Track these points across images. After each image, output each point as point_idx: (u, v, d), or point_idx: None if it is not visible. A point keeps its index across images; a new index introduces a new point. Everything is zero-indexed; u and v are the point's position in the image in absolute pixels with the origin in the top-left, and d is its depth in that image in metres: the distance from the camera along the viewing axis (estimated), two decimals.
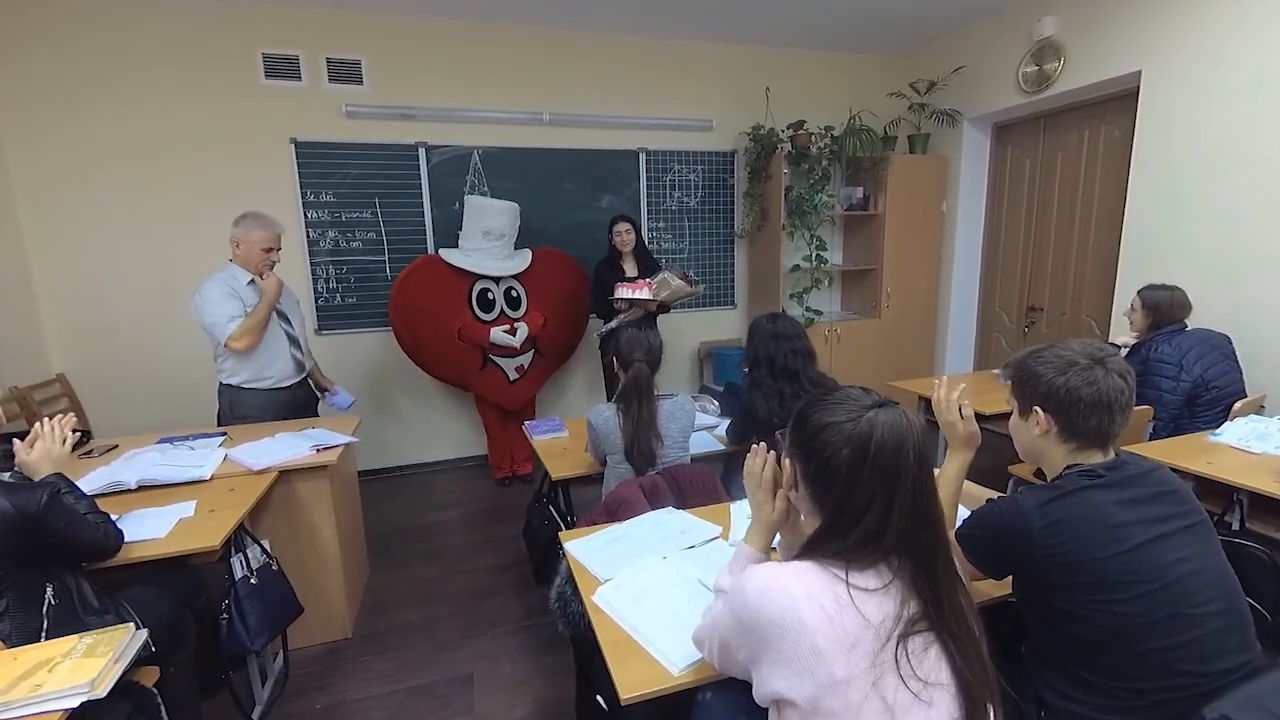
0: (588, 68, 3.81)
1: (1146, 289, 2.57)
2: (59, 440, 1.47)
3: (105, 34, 3.05)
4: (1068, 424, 1.07)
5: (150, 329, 3.30)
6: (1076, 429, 1.07)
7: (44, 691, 0.97)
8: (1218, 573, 1.00)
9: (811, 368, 2.09)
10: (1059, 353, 1.09)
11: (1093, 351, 1.08)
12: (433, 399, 3.88)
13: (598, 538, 1.50)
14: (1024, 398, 1.12)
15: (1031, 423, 1.11)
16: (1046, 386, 1.07)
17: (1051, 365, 1.08)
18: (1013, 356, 1.19)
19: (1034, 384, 1.09)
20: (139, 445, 2.22)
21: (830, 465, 0.83)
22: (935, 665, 0.77)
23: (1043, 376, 1.08)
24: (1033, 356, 1.12)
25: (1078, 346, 1.10)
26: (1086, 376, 1.05)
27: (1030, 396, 1.10)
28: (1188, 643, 0.94)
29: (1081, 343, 1.11)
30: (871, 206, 4.17)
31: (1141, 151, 3.05)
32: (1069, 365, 1.06)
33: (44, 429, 1.47)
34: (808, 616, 0.77)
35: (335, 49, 3.38)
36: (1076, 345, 1.10)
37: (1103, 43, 3.13)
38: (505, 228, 3.35)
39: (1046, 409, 1.08)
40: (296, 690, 1.98)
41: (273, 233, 2.43)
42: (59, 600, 1.29)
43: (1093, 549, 0.97)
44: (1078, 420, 1.06)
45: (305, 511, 2.10)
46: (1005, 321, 4.18)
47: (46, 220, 3.11)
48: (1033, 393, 1.10)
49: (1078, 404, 1.05)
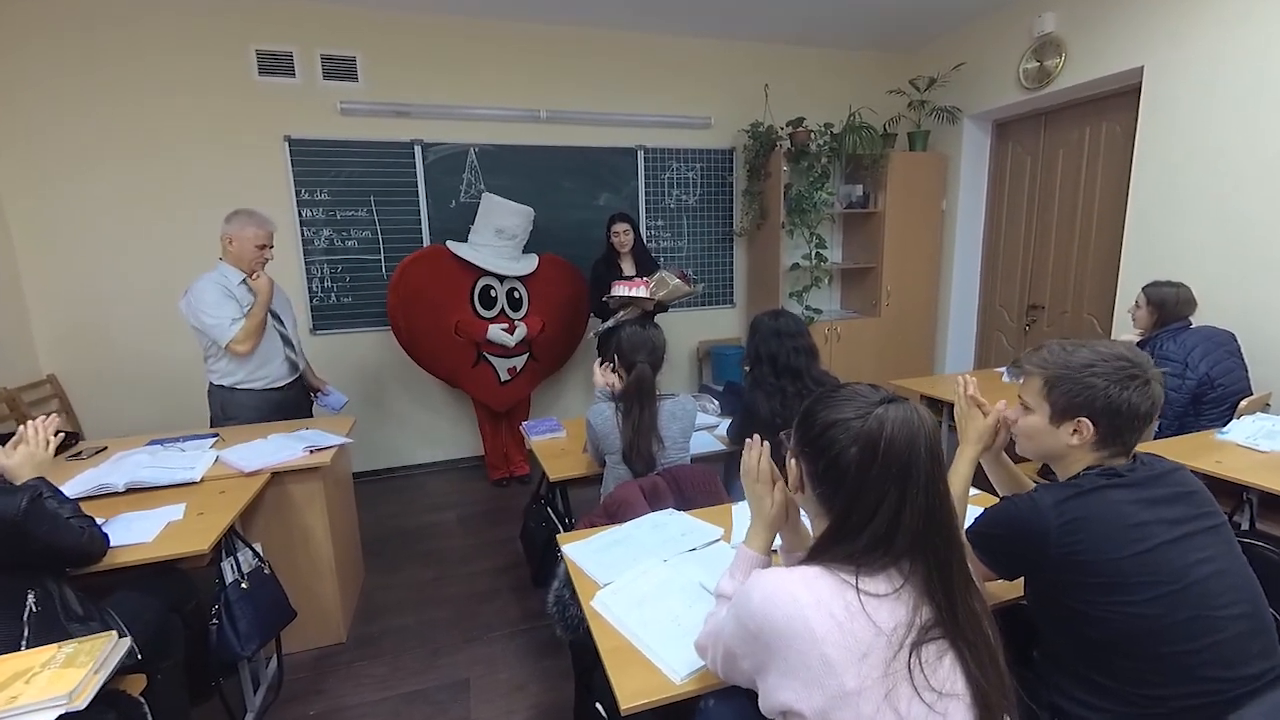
0: (585, 64, 3.77)
1: (1151, 286, 2.54)
2: (43, 444, 1.43)
3: (96, 31, 3.00)
4: (1113, 436, 1.02)
5: (142, 329, 3.25)
6: (1118, 440, 1.02)
7: (20, 704, 0.93)
8: (1240, 576, 0.97)
9: (814, 366, 2.06)
10: (1110, 361, 1.02)
11: (1142, 361, 1.02)
12: (429, 399, 3.84)
13: (596, 540, 1.46)
14: (1068, 406, 1.03)
15: (1066, 430, 1.04)
16: (1105, 400, 1.00)
17: (1108, 377, 1.00)
18: (1036, 355, 1.11)
19: (1088, 395, 1.01)
20: (129, 447, 2.18)
21: (839, 464, 0.79)
22: (950, 674, 0.74)
23: (1099, 389, 1.00)
24: (1078, 364, 1.03)
25: (1125, 351, 1.03)
26: (1145, 392, 1.00)
27: (1078, 406, 1.02)
28: (1209, 646, 0.91)
29: (1118, 347, 1.05)
30: (871, 204, 4.14)
31: (1143, 148, 3.02)
32: (1129, 378, 1.00)
33: (29, 432, 1.43)
34: (816, 625, 0.73)
35: (330, 45, 3.34)
36: (1122, 349, 1.04)
37: (1104, 38, 3.11)
38: (518, 229, 3.33)
39: (1096, 421, 1.01)
40: (290, 696, 1.94)
41: (266, 230, 2.39)
42: (41, 607, 1.25)
43: (1111, 548, 0.93)
44: (1124, 433, 1.01)
45: (298, 514, 2.06)
46: (1006, 319, 4.15)
47: (36, 219, 3.06)
48: (1084, 403, 1.01)
49: (1133, 420, 1.00)
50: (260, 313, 2.34)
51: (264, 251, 2.39)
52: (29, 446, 1.40)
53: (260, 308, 2.34)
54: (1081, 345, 1.07)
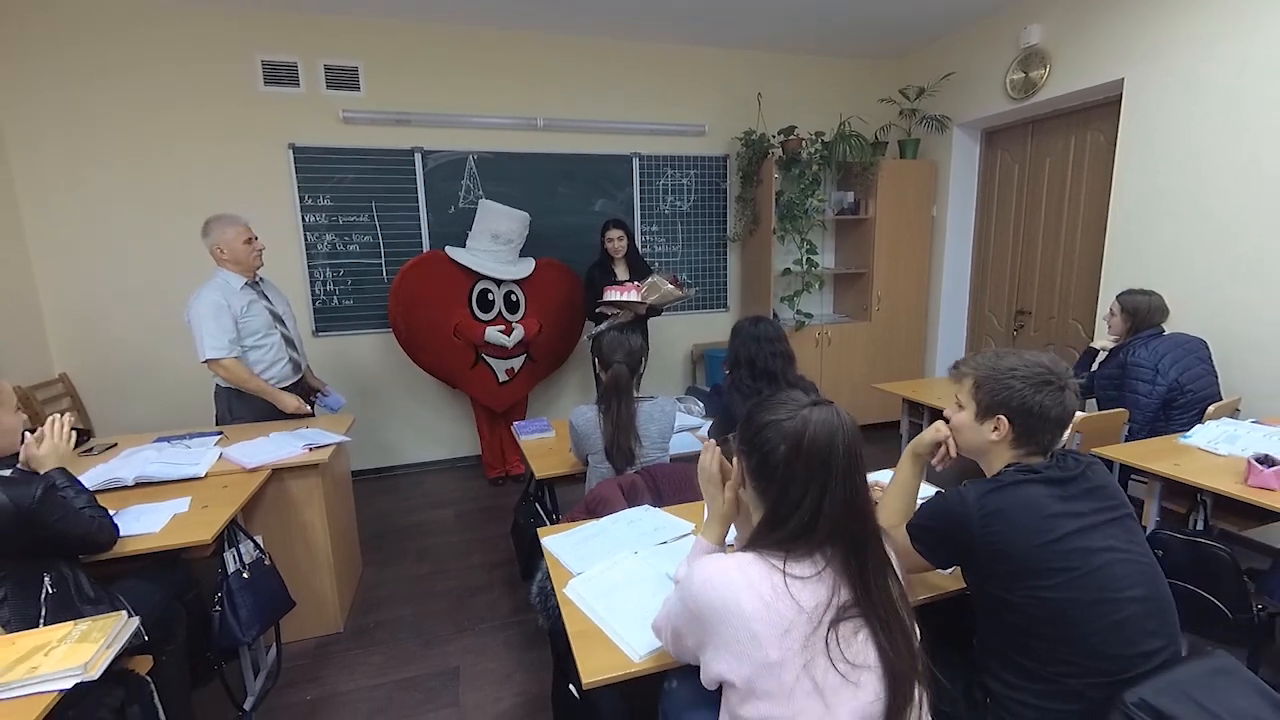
0: (581, 73, 3.87)
1: (1125, 294, 2.61)
2: (64, 437, 1.53)
3: (108, 40, 3.12)
4: (1026, 435, 1.13)
5: (150, 331, 3.37)
6: (1032, 439, 1.13)
7: (40, 674, 1.03)
8: (1140, 562, 1.05)
9: (791, 370, 2.14)
10: (1032, 368, 1.12)
11: (1061, 371, 1.13)
12: (428, 400, 3.94)
13: (575, 534, 1.55)
14: (990, 404, 1.15)
15: (988, 426, 1.15)
16: (1020, 400, 1.11)
17: (1026, 380, 1.11)
18: (971, 359, 1.23)
19: (1005, 395, 1.12)
20: (137, 444, 2.28)
21: (770, 460, 0.88)
22: (863, 649, 0.82)
23: (1016, 390, 1.11)
24: (1004, 367, 1.15)
25: (1047, 361, 1.14)
26: (1057, 398, 1.10)
27: (998, 405, 1.13)
28: (1109, 626, 0.99)
29: (1044, 357, 1.15)
30: (862, 210, 4.22)
31: (1124, 157, 3.09)
32: (1044, 383, 1.11)
33: (51, 427, 1.54)
34: (746, 604, 0.82)
35: (333, 56, 3.45)
36: (1045, 359, 1.15)
37: (1087, 51, 3.18)
38: (514, 234, 3.42)
39: (1012, 419, 1.12)
40: (288, 682, 2.04)
41: (242, 224, 2.47)
42: (56, 589, 1.35)
43: (1025, 537, 1.02)
44: (1037, 433, 1.12)
45: (298, 509, 2.16)
46: (995, 324, 4.22)
47: (50, 224, 3.18)
48: (1002, 402, 1.13)
49: (1044, 421, 1.11)
50: (258, 390, 2.47)
51: (254, 243, 2.48)
52: (53, 440, 1.50)
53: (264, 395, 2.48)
54: (1011, 353, 1.18)
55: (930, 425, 1.34)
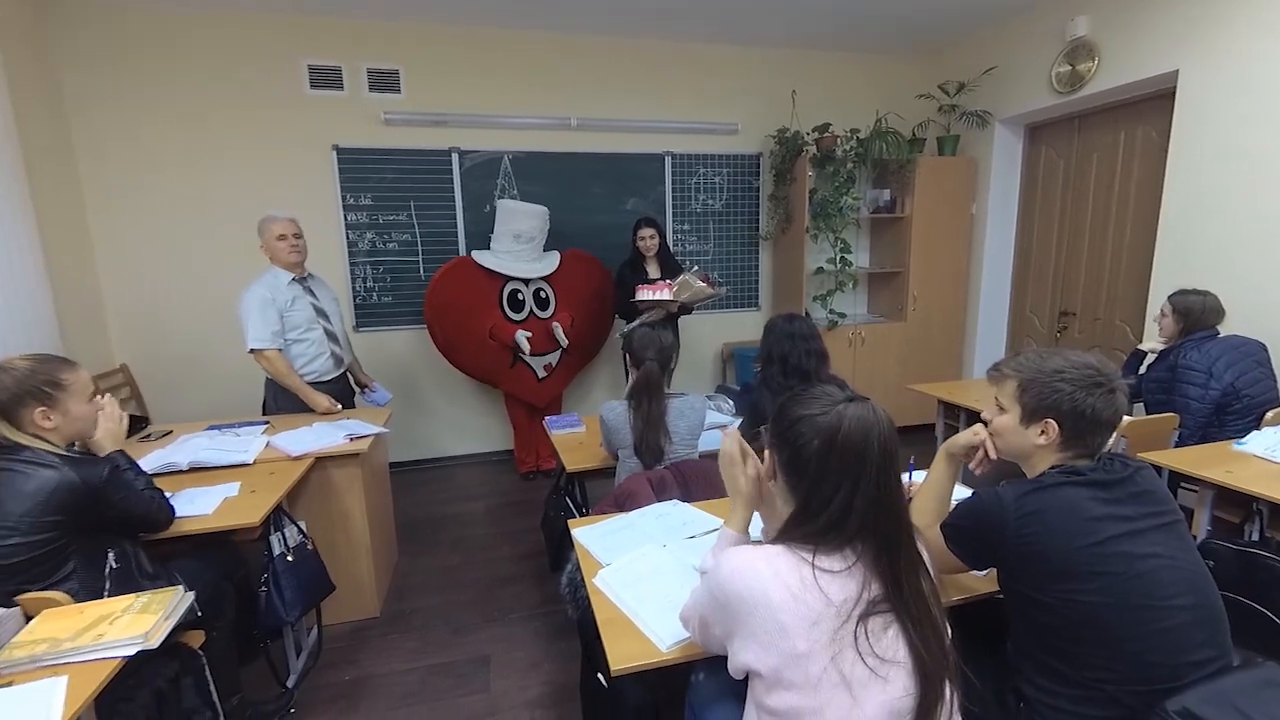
0: (615, 73, 3.90)
1: (1177, 294, 2.51)
2: (116, 419, 1.62)
3: (166, 52, 3.29)
4: (1075, 437, 1.09)
5: (202, 325, 3.53)
6: (1080, 442, 1.09)
7: (106, 640, 1.11)
8: (1189, 570, 1.01)
9: (824, 369, 2.12)
10: (1080, 370, 1.08)
11: (1110, 371, 1.09)
12: (462, 395, 4.03)
13: (603, 526, 1.58)
14: (1037, 407, 1.10)
15: (1034, 430, 1.11)
16: (1070, 404, 1.07)
17: (1075, 382, 1.07)
18: (1013, 360, 1.18)
19: (1055, 398, 1.08)
20: (191, 431, 2.40)
21: (802, 454, 0.89)
22: (893, 644, 0.82)
23: (1065, 393, 1.07)
24: (1050, 369, 1.10)
25: (1094, 361, 1.10)
26: (1108, 400, 1.06)
27: (1046, 408, 1.09)
28: (1155, 633, 0.96)
29: (1089, 357, 1.11)
30: (898, 209, 4.14)
31: (1177, 152, 2.97)
32: (1094, 385, 1.07)
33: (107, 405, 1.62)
34: (774, 595, 0.83)
35: (375, 59, 3.56)
36: (1092, 360, 1.10)
37: (1138, 42, 3.06)
38: (534, 231, 3.47)
39: (1061, 423, 1.08)
40: (328, 663, 2.12)
41: (282, 221, 2.56)
42: (119, 564, 1.44)
43: (1064, 539, 1.00)
44: (1086, 436, 1.08)
45: (338, 497, 2.24)
46: (1037, 325, 4.09)
47: (112, 224, 3.37)
48: (1051, 405, 1.09)
49: (1095, 424, 1.07)
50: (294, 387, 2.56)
51: (287, 240, 2.55)
52: (108, 422, 1.59)
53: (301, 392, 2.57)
54: (1055, 353, 1.14)
55: (968, 428, 1.31)
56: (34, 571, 1.32)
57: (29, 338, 2.67)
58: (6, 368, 1.40)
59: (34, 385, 1.40)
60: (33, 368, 1.42)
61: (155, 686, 1.34)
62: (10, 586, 1.28)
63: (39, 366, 1.43)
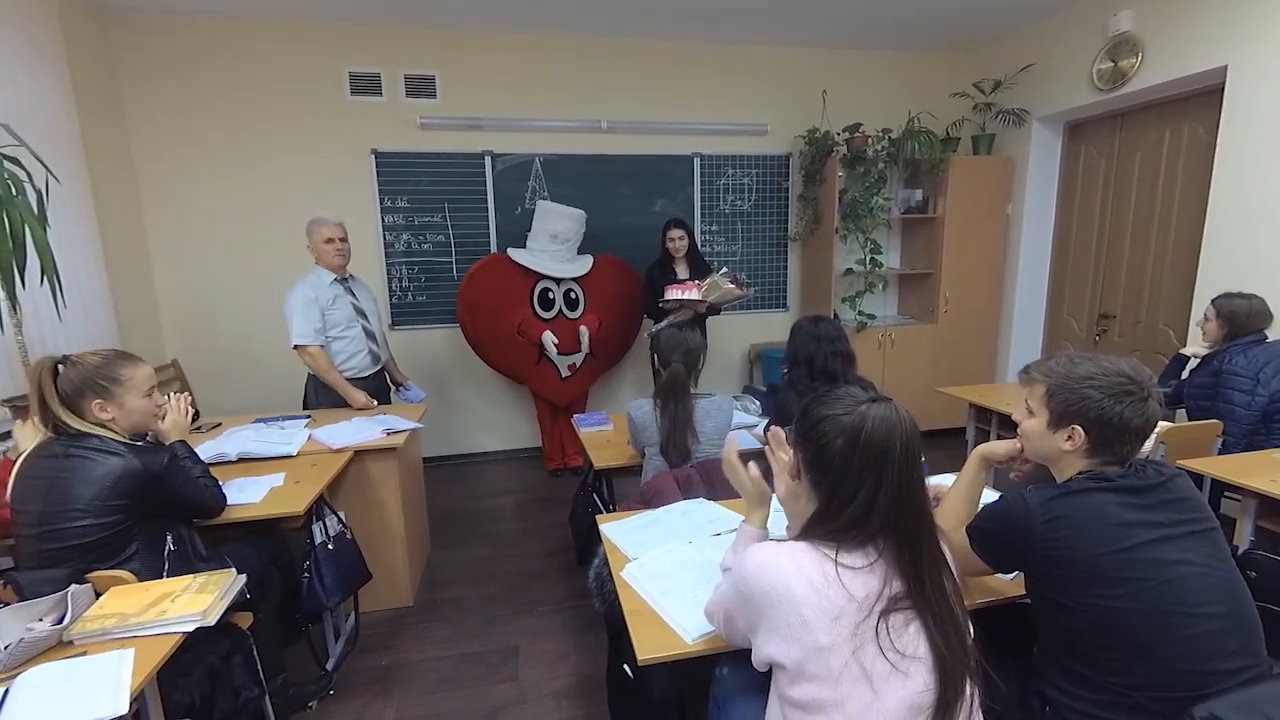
0: (646, 75, 3.94)
1: (1222, 297, 2.44)
2: (183, 412, 1.74)
3: (218, 63, 3.45)
4: (1102, 444, 1.07)
5: (249, 322, 3.69)
6: (1108, 449, 1.07)
7: (169, 616, 1.19)
8: (1221, 577, 1.00)
9: (851, 370, 2.12)
10: (1111, 377, 1.06)
11: (1143, 379, 1.06)
12: (493, 392, 4.11)
13: (630, 522, 1.62)
14: (1064, 413, 1.09)
15: (1061, 436, 1.10)
16: (1098, 411, 1.05)
17: (1104, 390, 1.05)
18: (1043, 364, 1.17)
19: (1081, 405, 1.06)
20: (238, 424, 2.52)
21: (825, 453, 0.91)
22: (914, 640, 0.84)
23: (1094, 400, 1.05)
24: (1080, 375, 1.08)
25: (1127, 368, 1.07)
26: (1139, 408, 1.04)
27: (1072, 415, 1.08)
28: (1184, 640, 0.95)
29: (1122, 363, 1.08)
30: (931, 209, 4.09)
31: (1225, 151, 2.87)
32: (1124, 393, 1.04)
33: (173, 402, 1.74)
34: (797, 589, 0.85)
35: (412, 66, 3.67)
36: (1125, 366, 1.07)
37: (1184, 36, 2.97)
38: (570, 232, 3.53)
39: (1088, 430, 1.07)
40: (364, 648, 2.21)
41: (328, 225, 2.68)
42: (177, 547, 1.54)
43: (1092, 545, 0.99)
44: (1114, 444, 1.06)
45: (375, 489, 2.33)
46: (1075, 329, 3.99)
47: (167, 226, 3.55)
48: (1077, 412, 1.07)
49: (1124, 432, 1.05)
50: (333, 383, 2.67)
51: (333, 243, 2.67)
52: (174, 415, 1.70)
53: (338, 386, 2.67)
54: (1088, 359, 1.12)
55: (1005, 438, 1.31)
56: (102, 551, 1.42)
57: (90, 333, 2.83)
58: (76, 362, 1.50)
59: (94, 380, 1.50)
60: (98, 363, 1.52)
61: (209, 663, 1.43)
62: (82, 565, 1.38)
63: (103, 363, 1.53)
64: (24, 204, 2.10)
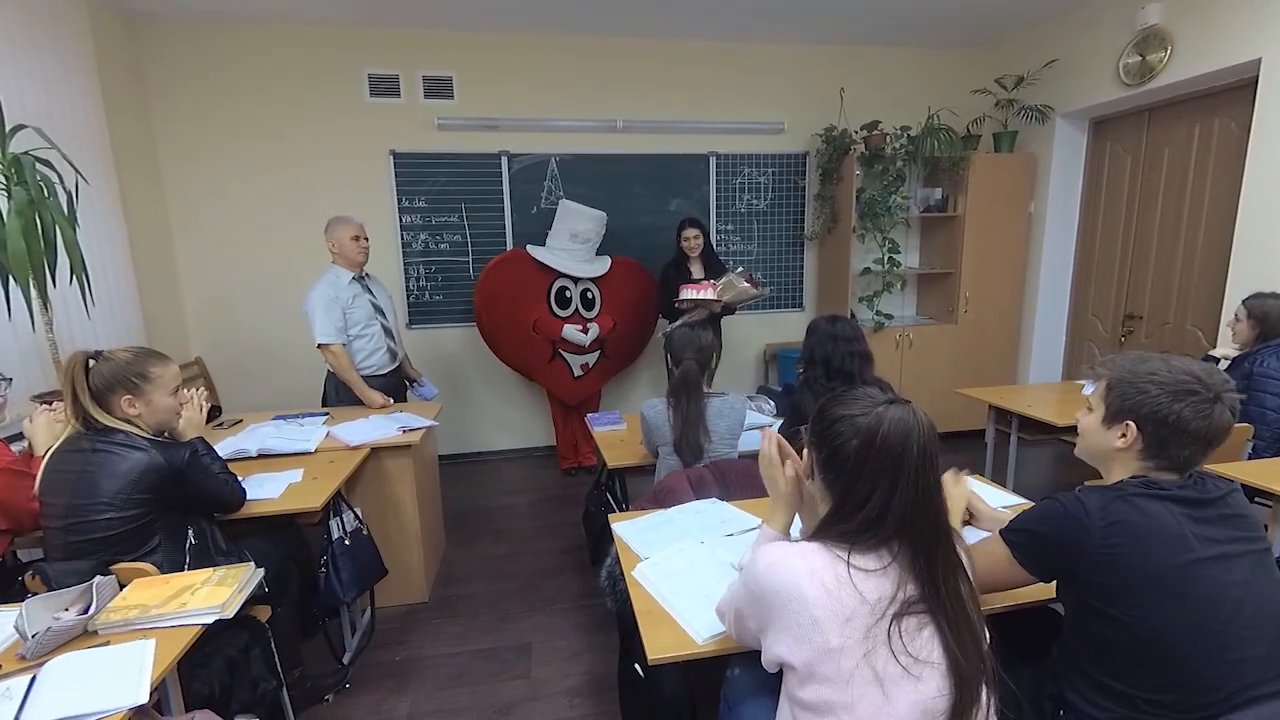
0: (661, 74, 3.93)
1: (1253, 297, 2.37)
2: (199, 409, 1.77)
3: (241, 66, 3.51)
4: (1158, 447, 1.01)
5: (269, 320, 3.75)
6: (1163, 453, 1.01)
7: (189, 608, 1.21)
8: (1274, 602, 0.95)
9: (868, 371, 2.09)
10: (1176, 374, 1.00)
11: (1215, 382, 0.99)
12: (508, 391, 4.14)
13: (643, 521, 1.61)
14: (1120, 408, 1.03)
15: (1115, 433, 1.04)
16: (1153, 408, 0.99)
17: (1165, 387, 0.99)
18: (1111, 359, 1.11)
19: (1138, 400, 1.01)
20: (258, 421, 2.57)
21: (840, 454, 0.90)
22: (928, 644, 0.82)
23: (1151, 395, 1.00)
24: (1143, 370, 1.03)
25: (1199, 370, 1.00)
26: (1202, 410, 0.97)
27: (1127, 410, 1.02)
28: (1227, 663, 0.91)
29: (1195, 365, 1.02)
30: (951, 208, 4.03)
31: (1259, 146, 2.79)
32: (1186, 392, 0.98)
33: (191, 402, 1.77)
34: (808, 590, 0.84)
35: (430, 67, 3.70)
36: (1197, 368, 1.01)
37: (1215, 29, 2.89)
38: (591, 233, 3.54)
39: (1141, 427, 1.01)
40: (380, 643, 2.23)
41: (354, 225, 2.73)
42: (197, 541, 1.57)
43: (1149, 554, 0.94)
44: (1171, 447, 1.00)
45: (391, 486, 2.36)
46: (1099, 329, 3.91)
47: (191, 227, 3.62)
48: (1132, 407, 1.01)
49: (1181, 435, 0.98)
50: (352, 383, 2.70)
51: (360, 241, 2.73)
52: (190, 411, 1.73)
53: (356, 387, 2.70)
54: (1158, 357, 1.05)
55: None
56: (126, 544, 1.45)
57: (118, 331, 2.90)
58: (109, 357, 1.54)
59: (125, 375, 1.53)
60: (129, 360, 1.55)
61: (228, 655, 1.46)
62: (107, 557, 1.41)
63: (134, 359, 1.56)
64: (55, 205, 2.16)
